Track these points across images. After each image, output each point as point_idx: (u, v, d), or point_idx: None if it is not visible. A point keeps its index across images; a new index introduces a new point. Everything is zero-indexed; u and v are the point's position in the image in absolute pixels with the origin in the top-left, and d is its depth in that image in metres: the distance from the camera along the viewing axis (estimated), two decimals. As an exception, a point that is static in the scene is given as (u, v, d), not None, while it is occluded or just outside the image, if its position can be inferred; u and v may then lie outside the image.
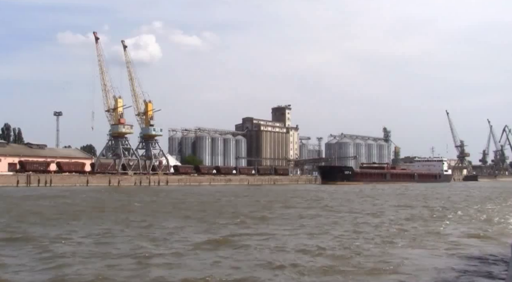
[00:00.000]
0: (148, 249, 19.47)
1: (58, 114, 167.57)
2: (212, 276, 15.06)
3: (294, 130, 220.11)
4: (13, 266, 16.37)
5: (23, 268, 16.14)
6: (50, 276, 15.08)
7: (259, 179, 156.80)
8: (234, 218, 32.67)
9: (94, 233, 24.31)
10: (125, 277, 15.08)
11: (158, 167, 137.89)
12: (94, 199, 55.80)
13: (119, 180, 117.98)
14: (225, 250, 19.75)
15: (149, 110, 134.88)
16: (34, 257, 17.85)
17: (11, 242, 21.20)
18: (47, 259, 17.39)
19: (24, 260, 17.36)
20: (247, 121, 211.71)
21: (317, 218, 33.57)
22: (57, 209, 40.17)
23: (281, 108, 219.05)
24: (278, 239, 22.64)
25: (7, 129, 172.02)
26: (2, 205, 43.18)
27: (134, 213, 36.03)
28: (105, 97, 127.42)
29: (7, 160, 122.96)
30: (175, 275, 15.33)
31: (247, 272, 15.80)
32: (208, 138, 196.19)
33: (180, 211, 38.61)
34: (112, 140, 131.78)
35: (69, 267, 16.11)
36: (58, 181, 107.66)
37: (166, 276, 15.20)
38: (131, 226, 27.43)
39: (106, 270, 15.78)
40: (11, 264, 16.67)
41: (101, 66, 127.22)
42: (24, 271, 15.80)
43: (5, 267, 16.11)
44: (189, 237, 22.93)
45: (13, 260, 17.27)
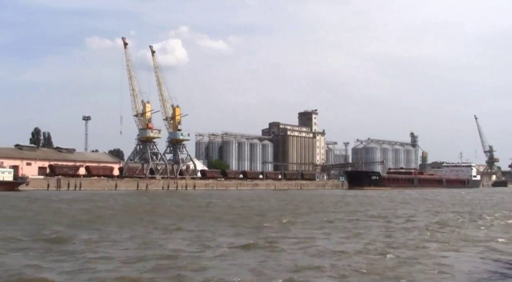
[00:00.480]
0: (193, 252, 19.89)
1: (87, 119, 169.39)
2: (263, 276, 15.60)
3: (321, 135, 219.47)
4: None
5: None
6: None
7: (286, 183, 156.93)
8: (268, 221, 32.89)
9: (139, 236, 24.71)
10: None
11: (186, 171, 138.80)
12: (131, 203, 56.64)
13: (147, 184, 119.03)
14: (264, 252, 20.11)
15: (177, 115, 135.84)
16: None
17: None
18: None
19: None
20: (273, 126, 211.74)
21: (349, 222, 33.64)
22: (99, 211, 41.00)
23: (308, 113, 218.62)
24: (313, 242, 22.88)
25: (37, 133, 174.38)
26: (49, 209, 43.65)
27: (173, 217, 36.53)
28: (134, 102, 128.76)
29: (37, 164, 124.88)
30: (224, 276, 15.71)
31: (290, 273, 16.15)
32: (235, 143, 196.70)
33: (213, 213, 39.06)
34: (140, 144, 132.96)
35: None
36: (87, 184, 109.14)
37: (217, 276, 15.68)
38: (169, 229, 27.81)
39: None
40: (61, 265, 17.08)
41: (129, 71, 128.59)
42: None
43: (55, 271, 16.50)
44: (229, 240, 23.41)
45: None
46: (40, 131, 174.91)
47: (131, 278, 15.25)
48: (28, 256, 18.67)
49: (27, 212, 39.60)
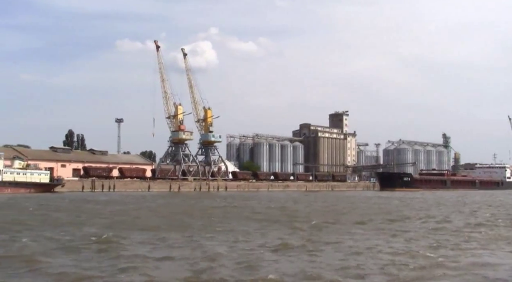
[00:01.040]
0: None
1: (120, 121, 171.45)
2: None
3: (352, 136, 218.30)
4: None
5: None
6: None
7: (317, 185, 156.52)
8: (308, 222, 32.93)
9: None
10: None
11: (217, 173, 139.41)
12: (171, 204, 57.30)
13: (180, 186, 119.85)
14: (312, 253, 20.34)
15: (209, 117, 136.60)
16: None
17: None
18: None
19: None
20: (304, 127, 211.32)
21: (389, 223, 33.54)
22: (159, 213, 41.43)
23: (339, 114, 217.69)
24: (356, 243, 23.02)
25: (70, 136, 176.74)
26: (99, 212, 43.68)
27: (216, 218, 36.73)
28: (166, 104, 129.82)
29: (71, 165, 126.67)
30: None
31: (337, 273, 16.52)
32: (266, 145, 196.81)
33: (255, 214, 39.37)
34: (172, 146, 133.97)
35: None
36: (121, 186, 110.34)
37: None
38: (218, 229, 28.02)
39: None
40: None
41: (161, 73, 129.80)
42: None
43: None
44: (273, 241, 23.62)
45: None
46: (73, 134, 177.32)
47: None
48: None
49: (81, 214, 39.69)
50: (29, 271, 16.52)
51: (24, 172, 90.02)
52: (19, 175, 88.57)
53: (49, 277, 15.72)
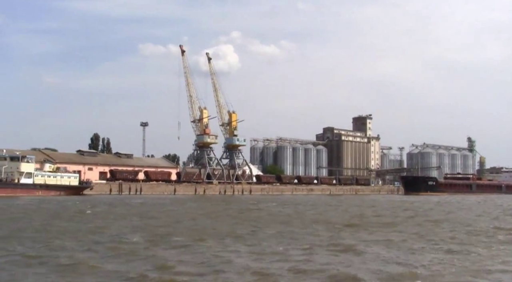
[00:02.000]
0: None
1: (144, 124, 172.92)
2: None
3: (375, 140, 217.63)
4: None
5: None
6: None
7: (341, 188, 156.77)
8: (348, 226, 33.29)
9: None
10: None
11: (242, 176, 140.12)
12: (209, 208, 57.55)
13: (205, 189, 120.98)
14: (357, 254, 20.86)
15: (233, 121, 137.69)
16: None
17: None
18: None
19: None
20: (327, 131, 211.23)
21: (420, 226, 33.71)
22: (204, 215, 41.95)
23: (362, 118, 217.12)
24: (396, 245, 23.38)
25: (96, 139, 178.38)
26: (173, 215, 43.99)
27: (262, 221, 37.10)
28: (191, 108, 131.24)
29: (98, 168, 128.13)
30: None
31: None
32: (289, 148, 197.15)
33: (295, 219, 39.41)
34: (197, 150, 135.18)
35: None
36: (147, 189, 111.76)
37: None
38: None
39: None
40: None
41: (187, 78, 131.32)
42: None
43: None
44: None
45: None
46: (99, 137, 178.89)
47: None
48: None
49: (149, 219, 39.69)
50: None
51: (55, 175, 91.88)
52: (49, 178, 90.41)
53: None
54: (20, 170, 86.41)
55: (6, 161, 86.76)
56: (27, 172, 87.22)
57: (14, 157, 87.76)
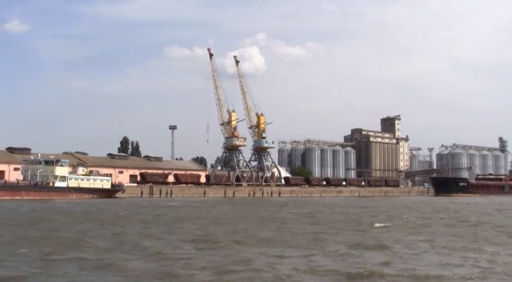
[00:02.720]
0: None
1: (173, 128, 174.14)
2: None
3: (404, 141, 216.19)
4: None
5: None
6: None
7: (370, 190, 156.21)
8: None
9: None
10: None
11: (271, 178, 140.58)
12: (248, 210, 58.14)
13: (234, 191, 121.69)
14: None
15: (261, 123, 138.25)
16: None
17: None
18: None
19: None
20: (356, 132, 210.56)
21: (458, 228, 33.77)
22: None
23: (390, 118, 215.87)
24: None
25: (125, 142, 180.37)
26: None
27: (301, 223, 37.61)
28: (220, 111, 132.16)
29: (128, 172, 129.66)
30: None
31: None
32: (317, 150, 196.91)
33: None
34: (226, 152, 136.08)
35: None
36: (178, 192, 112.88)
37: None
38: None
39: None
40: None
41: (215, 81, 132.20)
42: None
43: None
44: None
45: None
46: (128, 141, 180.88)
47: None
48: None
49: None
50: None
51: (88, 178, 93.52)
52: (83, 181, 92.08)
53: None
54: (55, 174, 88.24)
55: (41, 165, 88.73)
56: (61, 176, 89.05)
57: (49, 161, 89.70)
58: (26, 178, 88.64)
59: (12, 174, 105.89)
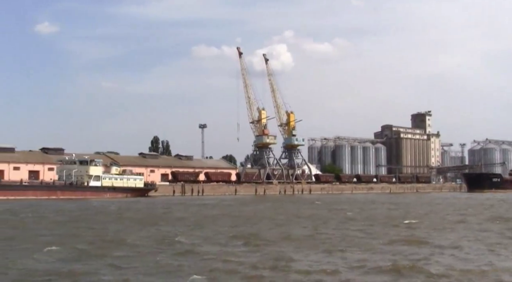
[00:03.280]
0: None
1: (203, 126, 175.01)
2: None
3: (435, 137, 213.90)
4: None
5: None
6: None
7: (401, 187, 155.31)
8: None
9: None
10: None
11: (301, 176, 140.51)
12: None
13: (265, 189, 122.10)
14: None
15: (291, 121, 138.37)
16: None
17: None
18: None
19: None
20: (386, 128, 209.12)
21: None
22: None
23: (421, 114, 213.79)
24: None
25: (156, 142, 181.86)
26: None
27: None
28: (249, 109, 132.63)
29: (159, 170, 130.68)
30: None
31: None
32: (348, 147, 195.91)
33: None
34: (256, 150, 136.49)
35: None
36: (209, 190, 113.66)
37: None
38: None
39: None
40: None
41: (245, 79, 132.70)
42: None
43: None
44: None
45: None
46: (159, 140, 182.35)
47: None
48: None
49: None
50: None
51: (121, 177, 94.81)
52: (116, 180, 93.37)
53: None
54: (89, 173, 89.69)
55: (75, 165, 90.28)
56: (95, 175, 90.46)
57: (83, 161, 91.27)
58: (61, 178, 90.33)
59: (46, 174, 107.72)
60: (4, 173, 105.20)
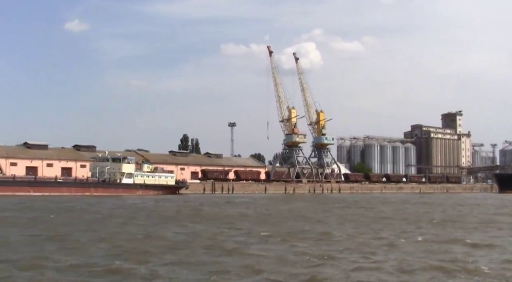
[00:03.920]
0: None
1: (232, 125, 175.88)
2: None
3: (466, 136, 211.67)
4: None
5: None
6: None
7: (431, 187, 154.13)
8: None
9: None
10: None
11: (330, 175, 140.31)
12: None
13: (294, 188, 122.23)
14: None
15: (321, 120, 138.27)
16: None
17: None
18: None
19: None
20: (416, 128, 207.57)
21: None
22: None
23: (452, 114, 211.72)
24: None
25: (185, 140, 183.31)
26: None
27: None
28: (279, 108, 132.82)
29: (189, 168, 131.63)
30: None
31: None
32: (377, 146, 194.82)
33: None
34: (286, 149, 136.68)
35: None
36: (239, 188, 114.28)
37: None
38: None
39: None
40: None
41: (275, 78, 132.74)
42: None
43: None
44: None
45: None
46: (188, 138, 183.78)
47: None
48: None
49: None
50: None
51: (153, 175, 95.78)
52: (148, 178, 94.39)
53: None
54: (122, 171, 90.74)
55: (108, 162, 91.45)
56: (128, 172, 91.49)
57: (116, 158, 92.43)
58: (94, 175, 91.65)
59: (79, 171, 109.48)
60: (37, 170, 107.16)
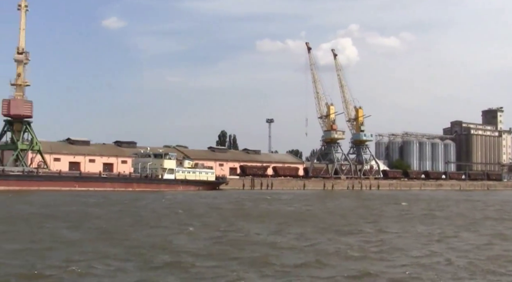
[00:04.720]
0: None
1: (270, 121, 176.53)
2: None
3: (507, 133, 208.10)
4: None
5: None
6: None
7: (471, 184, 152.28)
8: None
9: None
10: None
11: (369, 171, 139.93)
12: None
13: (333, 184, 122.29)
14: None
15: (360, 116, 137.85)
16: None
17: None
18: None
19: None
20: (455, 125, 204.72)
21: None
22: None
23: (493, 110, 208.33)
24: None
25: (223, 136, 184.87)
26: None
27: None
28: (318, 104, 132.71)
29: (228, 164, 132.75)
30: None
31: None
32: (416, 143, 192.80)
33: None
34: (324, 145, 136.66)
35: None
36: (278, 184, 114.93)
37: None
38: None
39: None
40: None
41: (313, 74, 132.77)
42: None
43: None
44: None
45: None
46: (226, 134, 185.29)
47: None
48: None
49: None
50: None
51: (194, 171, 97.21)
52: (189, 174, 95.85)
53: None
54: (163, 166, 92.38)
55: (150, 158, 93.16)
56: (169, 168, 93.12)
57: (158, 154, 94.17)
58: (136, 171, 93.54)
59: (120, 166, 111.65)
60: (80, 165, 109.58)
